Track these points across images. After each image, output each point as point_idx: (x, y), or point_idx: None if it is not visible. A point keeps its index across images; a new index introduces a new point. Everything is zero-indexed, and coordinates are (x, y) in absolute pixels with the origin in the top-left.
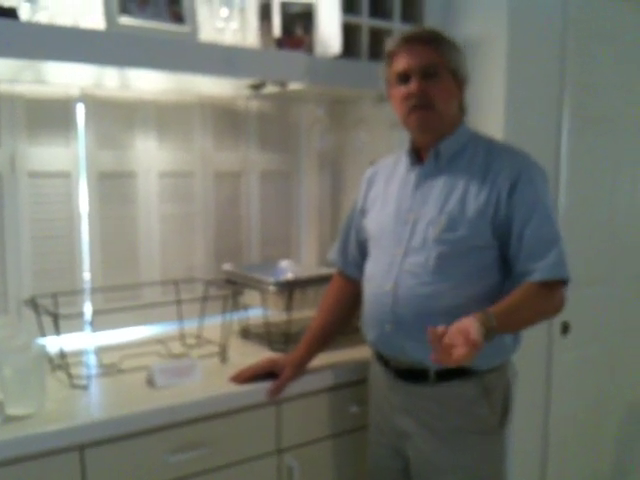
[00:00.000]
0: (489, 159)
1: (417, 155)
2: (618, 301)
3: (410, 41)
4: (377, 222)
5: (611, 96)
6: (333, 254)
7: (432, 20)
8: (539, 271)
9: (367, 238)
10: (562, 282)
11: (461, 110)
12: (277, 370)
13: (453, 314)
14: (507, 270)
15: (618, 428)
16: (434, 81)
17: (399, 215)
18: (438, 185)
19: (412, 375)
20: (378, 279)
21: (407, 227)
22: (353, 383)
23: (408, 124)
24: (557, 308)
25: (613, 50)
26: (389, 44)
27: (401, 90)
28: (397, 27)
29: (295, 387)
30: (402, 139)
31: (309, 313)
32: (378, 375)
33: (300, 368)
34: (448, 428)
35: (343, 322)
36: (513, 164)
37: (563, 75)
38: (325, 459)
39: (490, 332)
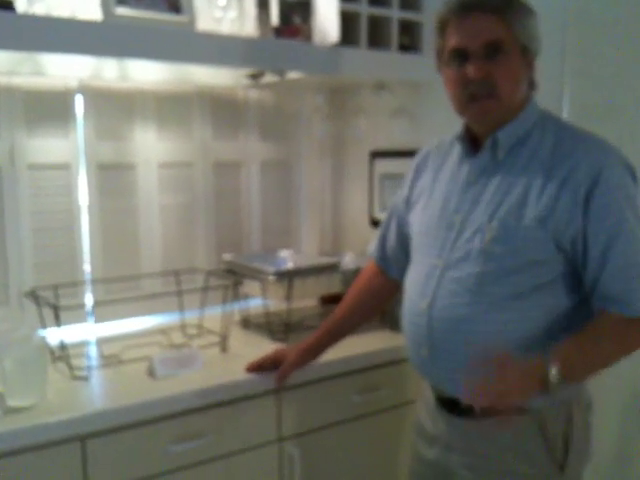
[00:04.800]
0: (558, 153)
1: (472, 143)
2: None
3: (469, 7)
4: (420, 221)
5: (612, 88)
6: (372, 246)
7: (432, 9)
8: (632, 305)
9: (410, 235)
10: None
11: (530, 88)
12: (283, 358)
13: (494, 343)
14: (576, 289)
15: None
16: (499, 61)
17: (444, 216)
18: (493, 184)
19: (455, 406)
20: (414, 294)
21: (452, 233)
22: (354, 372)
23: (464, 114)
24: None
25: (614, 41)
26: (441, 11)
27: (456, 71)
28: (396, 15)
29: (295, 376)
30: (402, 128)
31: (309, 303)
32: (426, 393)
33: (306, 353)
34: (496, 471)
35: (368, 312)
36: (590, 162)
37: (563, 67)
38: (326, 447)
39: (548, 387)
